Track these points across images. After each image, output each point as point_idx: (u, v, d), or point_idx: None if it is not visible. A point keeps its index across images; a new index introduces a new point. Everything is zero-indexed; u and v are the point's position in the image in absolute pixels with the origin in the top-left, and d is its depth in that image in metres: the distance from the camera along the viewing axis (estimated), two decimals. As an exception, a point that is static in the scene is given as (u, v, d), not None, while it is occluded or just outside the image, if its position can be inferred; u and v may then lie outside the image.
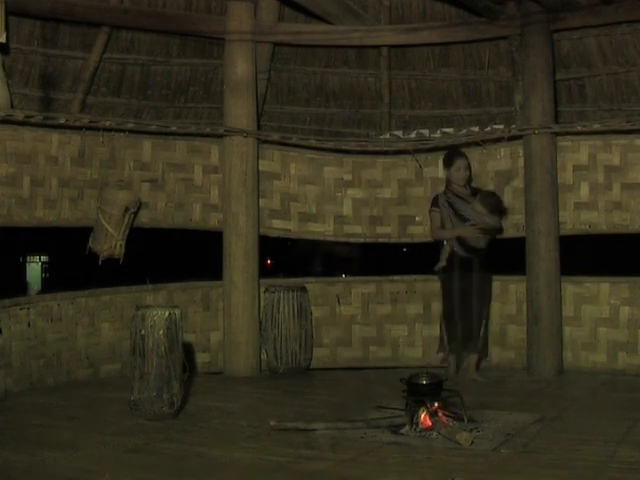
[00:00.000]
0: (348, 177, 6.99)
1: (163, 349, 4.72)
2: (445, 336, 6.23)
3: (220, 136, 6.59)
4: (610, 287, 6.35)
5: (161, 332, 4.72)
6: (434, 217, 6.26)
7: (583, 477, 3.58)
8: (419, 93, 7.24)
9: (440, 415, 4.35)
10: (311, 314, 6.68)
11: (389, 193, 7.00)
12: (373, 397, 5.23)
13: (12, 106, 5.95)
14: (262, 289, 6.59)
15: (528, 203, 6.39)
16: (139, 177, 6.48)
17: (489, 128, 6.75)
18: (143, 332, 4.74)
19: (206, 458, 3.98)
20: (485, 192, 6.30)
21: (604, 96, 6.67)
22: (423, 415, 4.34)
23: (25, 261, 23.61)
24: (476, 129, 6.80)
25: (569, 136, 6.44)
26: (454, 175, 6.22)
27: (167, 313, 4.78)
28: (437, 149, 6.79)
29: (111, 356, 6.24)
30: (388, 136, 7.09)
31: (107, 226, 6.07)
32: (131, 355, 4.87)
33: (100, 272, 6.33)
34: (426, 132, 6.95)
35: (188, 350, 5.47)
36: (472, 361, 6.14)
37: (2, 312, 5.58)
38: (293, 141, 6.84)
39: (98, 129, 6.22)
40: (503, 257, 6.44)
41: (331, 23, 6.69)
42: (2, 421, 4.74)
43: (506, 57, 6.81)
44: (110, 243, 6.11)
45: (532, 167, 6.36)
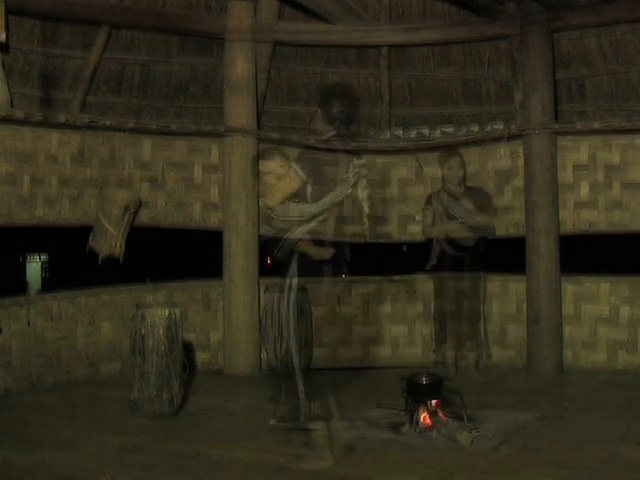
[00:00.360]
0: (348, 177, 6.98)
1: (163, 348, 4.72)
2: (433, 335, 6.28)
3: (220, 135, 6.59)
4: (610, 286, 6.35)
5: (161, 331, 4.73)
6: (426, 215, 6.32)
7: (583, 477, 3.59)
8: (419, 92, 7.24)
9: (440, 414, 4.36)
10: (311, 314, 6.68)
11: (389, 192, 7.00)
12: (373, 397, 5.22)
13: (12, 105, 5.95)
14: (262, 289, 6.59)
15: (528, 202, 6.39)
16: (139, 176, 6.49)
17: (489, 127, 6.73)
18: (143, 331, 4.74)
19: (206, 457, 3.98)
20: (475, 190, 6.31)
21: (604, 95, 6.65)
22: (423, 415, 4.35)
23: (25, 260, 23.56)
24: (476, 128, 6.79)
25: (569, 135, 6.43)
26: (447, 174, 6.25)
27: (167, 312, 4.78)
28: (437, 148, 6.79)
29: (111, 355, 6.24)
30: (388, 135, 7.09)
31: (107, 225, 6.07)
32: (131, 354, 4.87)
33: (100, 271, 6.32)
34: (426, 131, 6.95)
35: (188, 349, 5.48)
36: (471, 360, 6.15)
37: (2, 311, 5.58)
38: (293, 140, 6.84)
39: (98, 128, 6.23)
40: (503, 256, 6.44)
41: (331, 22, 6.69)
42: (2, 420, 4.74)
43: (506, 56, 6.81)
44: (110, 242, 6.12)
45: (532, 166, 6.36)
